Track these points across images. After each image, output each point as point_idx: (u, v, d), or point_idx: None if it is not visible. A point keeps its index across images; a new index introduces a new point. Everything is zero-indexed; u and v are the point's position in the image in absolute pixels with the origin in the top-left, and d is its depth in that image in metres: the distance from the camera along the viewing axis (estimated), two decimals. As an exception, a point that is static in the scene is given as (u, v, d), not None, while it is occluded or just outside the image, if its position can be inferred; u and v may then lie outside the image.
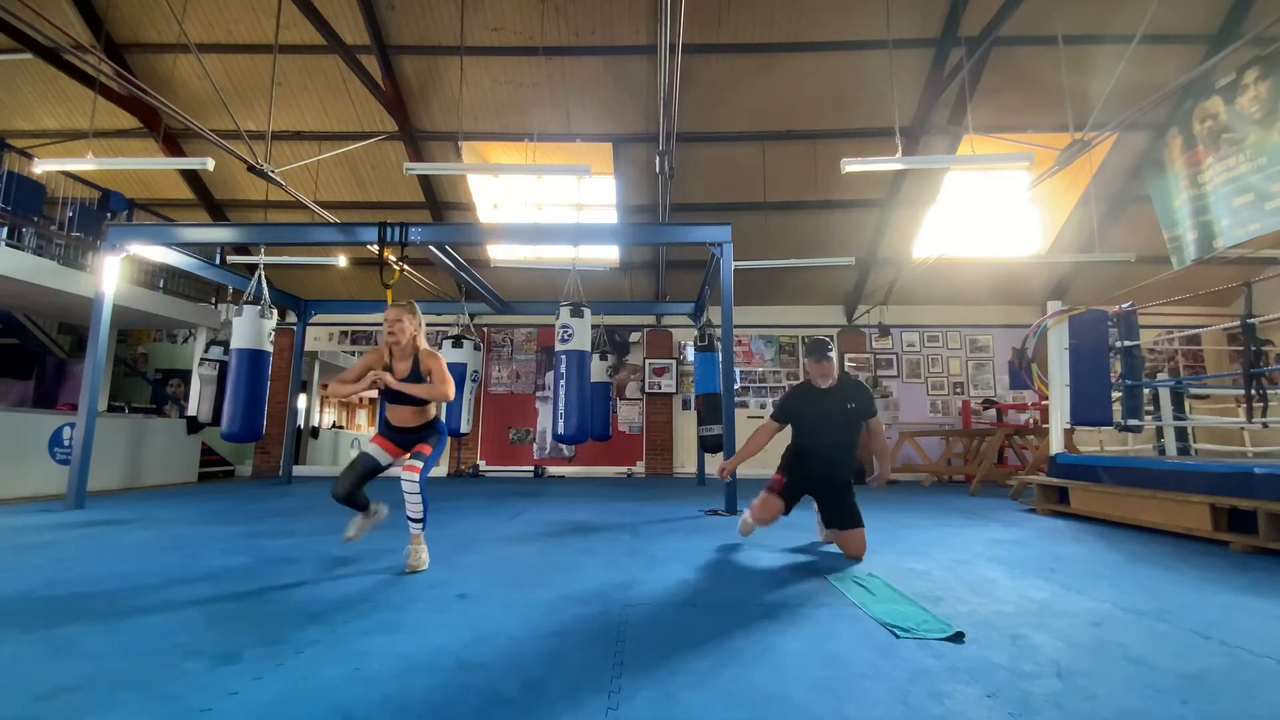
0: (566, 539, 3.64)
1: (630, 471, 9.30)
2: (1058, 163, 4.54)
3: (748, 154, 7.65)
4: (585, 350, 5.29)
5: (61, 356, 9.20)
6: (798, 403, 3.26)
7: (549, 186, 8.79)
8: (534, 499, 5.94)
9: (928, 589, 2.44)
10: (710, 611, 2.15)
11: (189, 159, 5.50)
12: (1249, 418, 4.67)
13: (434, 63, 6.99)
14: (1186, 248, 5.47)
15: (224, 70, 7.08)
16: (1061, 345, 5.34)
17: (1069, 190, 8.20)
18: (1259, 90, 4.65)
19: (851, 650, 1.74)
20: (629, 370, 9.57)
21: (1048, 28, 6.01)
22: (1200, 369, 9.10)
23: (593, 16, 6.52)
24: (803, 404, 3.24)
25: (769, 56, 6.82)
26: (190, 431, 7.67)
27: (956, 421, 9.08)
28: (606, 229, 7.51)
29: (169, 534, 3.75)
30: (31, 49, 6.25)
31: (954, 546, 3.41)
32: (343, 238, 5.60)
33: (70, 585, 2.47)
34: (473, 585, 2.48)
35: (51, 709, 1.37)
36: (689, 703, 1.42)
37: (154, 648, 1.75)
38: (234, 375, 5.56)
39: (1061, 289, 9.12)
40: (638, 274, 9.20)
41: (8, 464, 5.66)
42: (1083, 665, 1.63)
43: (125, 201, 6.99)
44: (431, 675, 1.56)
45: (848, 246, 8.20)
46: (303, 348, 8.27)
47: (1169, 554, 3.19)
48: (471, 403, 6.86)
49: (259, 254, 7.32)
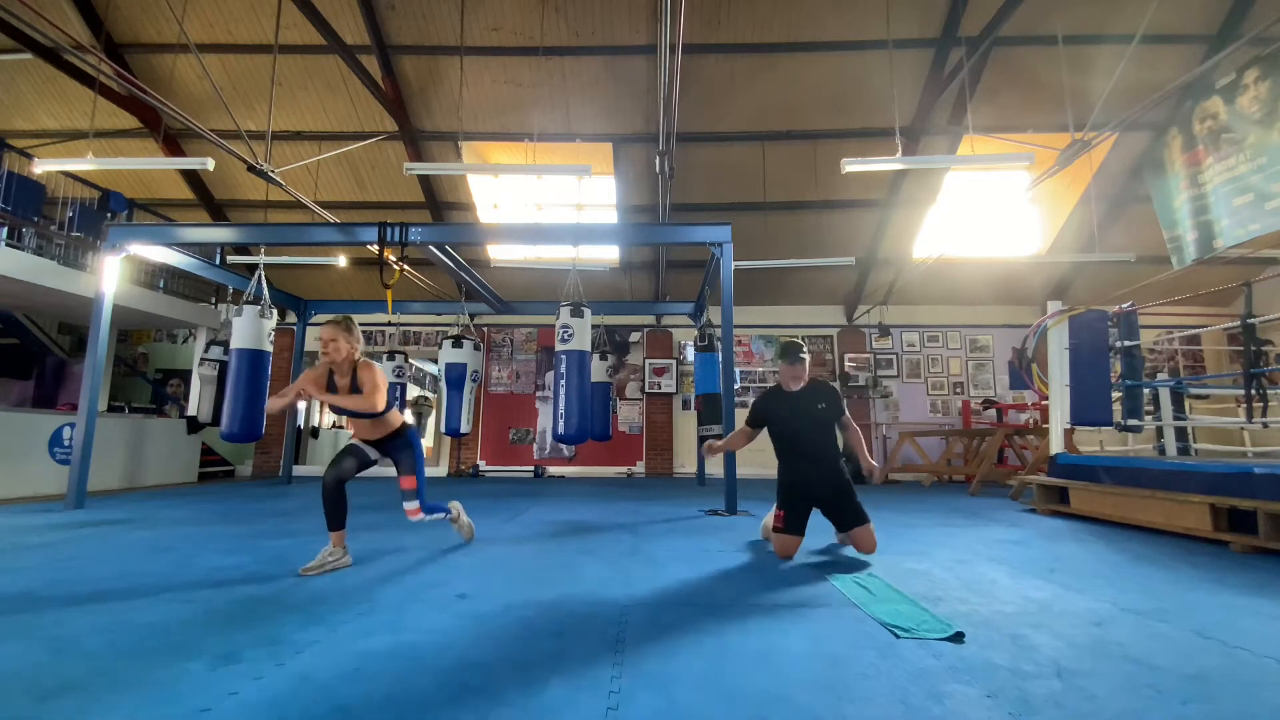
0: (566, 539, 3.64)
1: (630, 471, 9.30)
2: (1058, 163, 4.54)
3: (748, 154, 7.65)
4: (585, 350, 5.28)
5: (61, 356, 9.20)
6: (769, 404, 3.30)
7: (549, 186, 8.79)
8: (534, 499, 5.94)
9: (928, 589, 2.44)
10: (710, 611, 2.14)
11: (189, 159, 5.50)
12: (1249, 418, 4.67)
13: (434, 63, 7.00)
14: (1186, 248, 5.46)
15: (224, 70, 7.08)
16: (1061, 345, 5.34)
17: (1069, 190, 8.20)
18: (1259, 90, 4.65)
19: (851, 650, 1.74)
20: (629, 370, 9.57)
21: (1048, 28, 6.02)
22: (1200, 369, 9.10)
23: (593, 16, 6.53)
24: (775, 406, 3.27)
25: (769, 56, 6.83)
26: (190, 431, 7.67)
27: (956, 421, 9.08)
28: (606, 229, 7.51)
29: (169, 534, 3.75)
30: (31, 49, 6.25)
31: (954, 546, 3.41)
32: (343, 238, 5.60)
33: (70, 585, 2.47)
34: (473, 585, 2.48)
35: (51, 709, 1.37)
36: (689, 703, 1.42)
37: (154, 648, 1.75)
38: (234, 375, 5.56)
39: (1061, 289, 9.12)
40: (638, 274, 9.20)
41: (8, 464, 5.66)
42: (1083, 665, 1.63)
43: (125, 201, 7.00)
44: (431, 675, 1.56)
45: (848, 246, 8.20)
46: (303, 348, 8.27)
47: (1169, 554, 3.19)
48: (471, 403, 6.86)
49: (259, 254, 7.33)
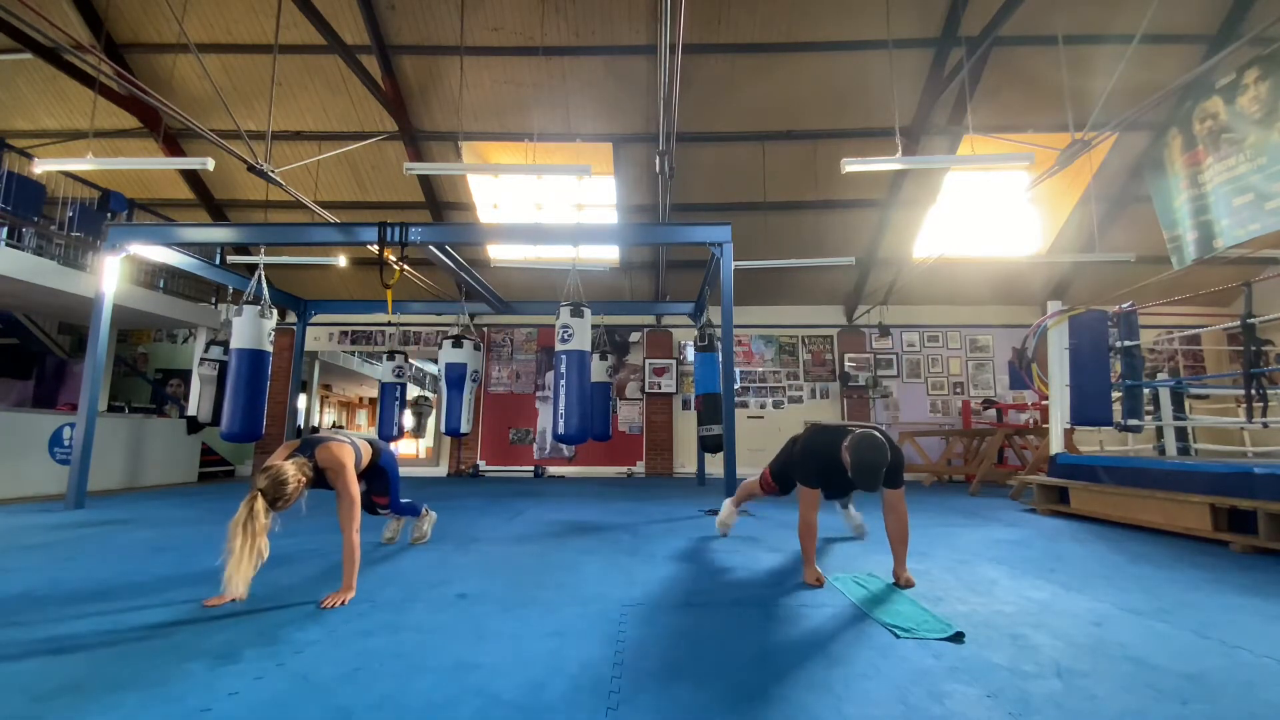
0: (566, 539, 3.63)
1: (630, 471, 9.30)
2: (1058, 163, 4.54)
3: (748, 154, 7.65)
4: (585, 350, 5.28)
5: (61, 356, 9.19)
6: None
7: (549, 186, 8.79)
8: (534, 499, 5.94)
9: (928, 589, 2.44)
10: (710, 611, 2.14)
11: (189, 159, 5.49)
12: (1249, 418, 4.67)
13: (434, 63, 6.99)
14: (1186, 248, 5.46)
15: (224, 70, 7.08)
16: (1061, 345, 5.34)
17: (1069, 190, 8.20)
18: (1259, 90, 4.65)
19: (851, 650, 1.74)
20: (629, 370, 9.57)
21: (1048, 28, 6.01)
22: (1200, 369, 9.10)
23: (593, 16, 6.52)
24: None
25: (769, 56, 6.82)
26: (190, 431, 7.66)
27: (956, 421, 9.08)
28: (606, 229, 7.51)
29: (169, 534, 3.75)
30: (31, 49, 6.25)
31: (954, 546, 3.41)
32: (343, 238, 5.60)
33: (70, 585, 2.47)
34: (473, 585, 2.48)
35: (51, 709, 1.37)
36: (689, 703, 1.42)
37: (154, 648, 1.75)
38: (234, 375, 5.55)
39: (1061, 289, 9.12)
40: (638, 274, 9.20)
41: (8, 464, 5.66)
42: (1083, 665, 1.63)
43: (125, 201, 6.99)
44: (431, 675, 1.56)
45: (848, 246, 8.20)
46: (303, 348, 8.26)
47: (1169, 554, 3.19)
48: (471, 403, 6.86)
49: (259, 254, 7.33)
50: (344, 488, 2.37)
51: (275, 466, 2.23)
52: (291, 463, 2.29)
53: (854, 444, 2.42)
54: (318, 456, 2.38)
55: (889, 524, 2.58)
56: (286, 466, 2.25)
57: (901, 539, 2.56)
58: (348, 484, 2.38)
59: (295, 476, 2.25)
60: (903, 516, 2.56)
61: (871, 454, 2.37)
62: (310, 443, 2.44)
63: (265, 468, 2.23)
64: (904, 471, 2.64)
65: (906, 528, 2.56)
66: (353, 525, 2.33)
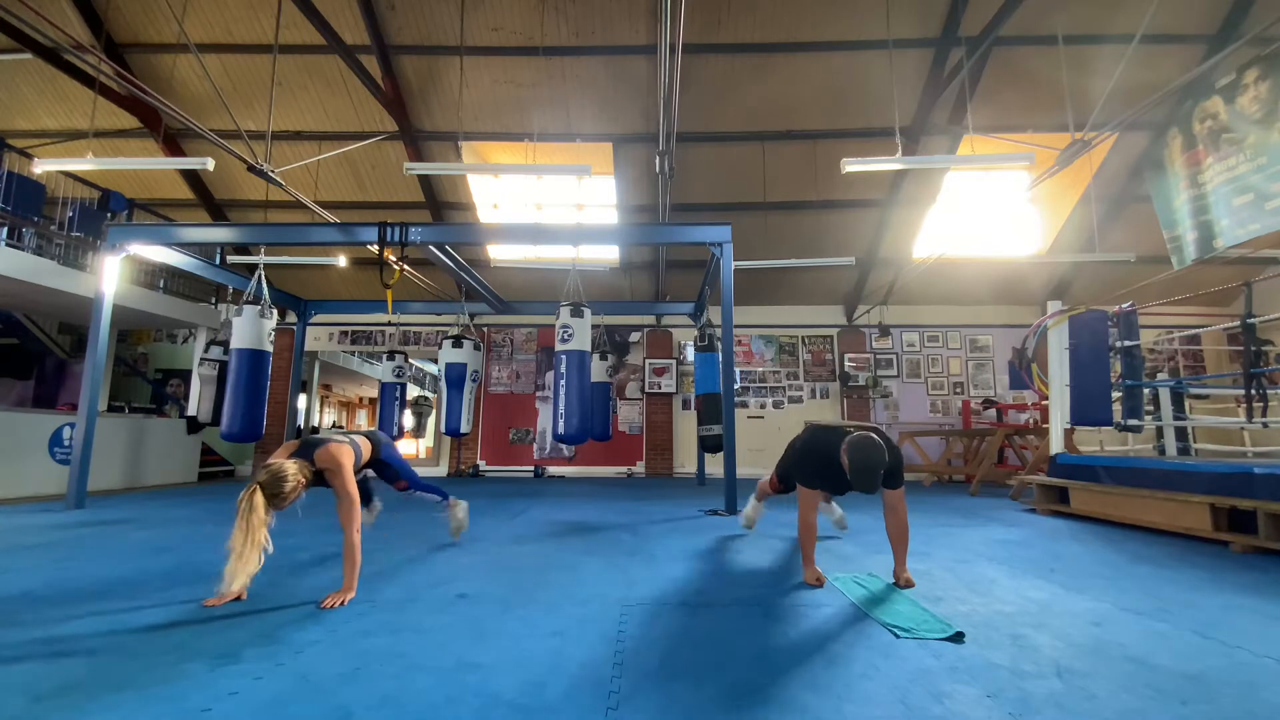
0: (566, 539, 3.63)
1: (630, 471, 9.30)
2: (1058, 163, 4.54)
3: (748, 154, 7.65)
4: (585, 350, 5.28)
5: (61, 356, 9.20)
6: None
7: (549, 186, 8.78)
8: (534, 499, 5.94)
9: (928, 589, 2.44)
10: (710, 611, 2.14)
11: (189, 159, 5.49)
12: (1249, 418, 4.67)
13: (434, 63, 6.99)
14: (1186, 248, 5.46)
15: (224, 70, 7.08)
16: (1061, 345, 5.34)
17: (1069, 190, 8.20)
18: (1259, 90, 4.65)
19: (851, 650, 1.74)
20: (629, 370, 9.56)
21: (1048, 28, 6.01)
22: (1200, 369, 9.10)
23: (593, 16, 6.52)
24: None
25: (769, 56, 6.82)
26: (190, 431, 7.66)
27: (956, 421, 9.08)
28: (606, 229, 7.51)
29: (169, 534, 3.75)
30: (31, 49, 6.25)
31: (954, 546, 3.41)
32: (343, 238, 5.60)
33: (70, 585, 2.47)
34: (473, 585, 2.48)
35: (51, 709, 1.37)
36: (689, 702, 1.42)
37: (154, 648, 1.75)
38: (234, 375, 5.55)
39: (1061, 289, 9.12)
40: (638, 274, 9.20)
41: (8, 464, 5.66)
42: (1083, 665, 1.63)
43: (125, 201, 6.98)
44: (431, 675, 1.56)
45: (848, 246, 8.20)
46: (303, 348, 8.26)
47: (1169, 554, 3.19)
48: (471, 403, 6.86)
49: (259, 254, 7.32)
50: (342, 487, 2.38)
51: (276, 463, 2.26)
52: (293, 462, 2.31)
53: (852, 446, 2.41)
54: (316, 457, 2.40)
55: (889, 524, 2.57)
56: (287, 464, 2.27)
57: (901, 539, 2.56)
58: (346, 484, 2.39)
59: (295, 475, 2.27)
60: (902, 517, 2.56)
61: (869, 456, 2.36)
62: (310, 444, 2.46)
63: (266, 465, 2.25)
64: (904, 472, 2.62)
65: (906, 528, 2.56)
66: (353, 525, 2.34)
